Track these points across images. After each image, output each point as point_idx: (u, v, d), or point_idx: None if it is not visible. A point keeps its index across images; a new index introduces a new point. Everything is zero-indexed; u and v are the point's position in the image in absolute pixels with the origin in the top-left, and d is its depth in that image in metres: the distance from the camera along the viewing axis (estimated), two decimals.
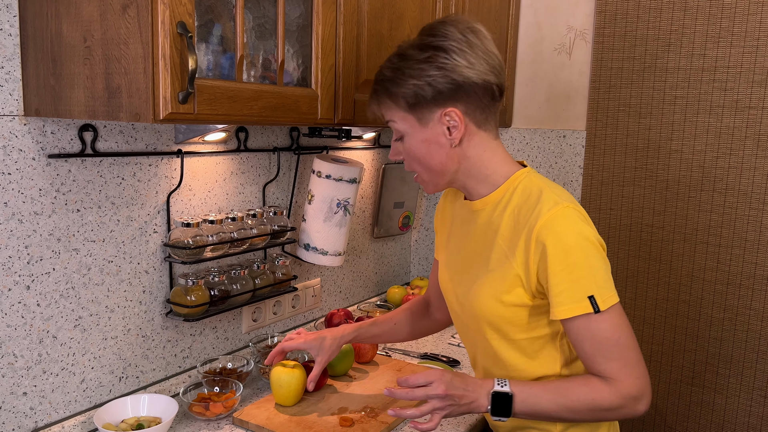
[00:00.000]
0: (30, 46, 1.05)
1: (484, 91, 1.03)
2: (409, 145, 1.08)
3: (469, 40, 1.02)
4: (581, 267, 0.97)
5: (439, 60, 1.01)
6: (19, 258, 1.11)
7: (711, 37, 1.72)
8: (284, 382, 1.31)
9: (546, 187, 1.04)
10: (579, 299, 0.97)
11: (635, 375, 0.99)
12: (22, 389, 1.13)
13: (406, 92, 1.03)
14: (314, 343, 1.33)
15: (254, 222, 1.49)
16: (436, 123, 1.04)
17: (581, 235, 0.98)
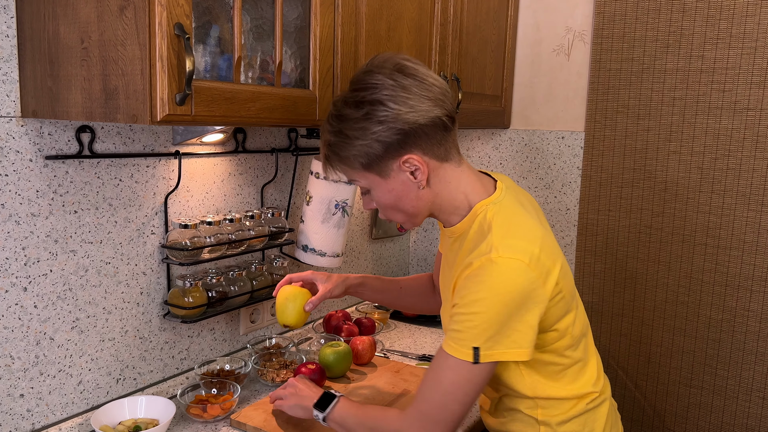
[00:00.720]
0: (27, 47, 1.05)
1: (435, 128, 1.01)
2: (378, 198, 1.07)
3: (401, 84, 0.99)
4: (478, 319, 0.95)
5: (379, 114, 0.98)
6: (16, 259, 1.10)
7: (709, 39, 1.72)
8: (290, 295, 1.28)
9: (494, 227, 1.00)
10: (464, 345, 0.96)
11: (424, 425, 0.99)
12: (19, 391, 1.13)
13: (357, 154, 1.01)
14: (321, 274, 1.33)
15: (252, 223, 1.48)
16: (397, 172, 1.03)
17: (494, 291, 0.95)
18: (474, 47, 1.76)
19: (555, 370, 1.08)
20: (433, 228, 2.27)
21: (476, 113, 1.82)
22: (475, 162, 2.15)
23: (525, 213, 1.06)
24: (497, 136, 2.11)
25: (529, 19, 2.00)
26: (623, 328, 1.95)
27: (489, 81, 1.89)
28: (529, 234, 1.01)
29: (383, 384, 1.48)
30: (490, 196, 1.07)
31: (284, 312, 1.30)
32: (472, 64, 1.77)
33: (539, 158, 2.04)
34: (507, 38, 1.96)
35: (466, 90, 1.74)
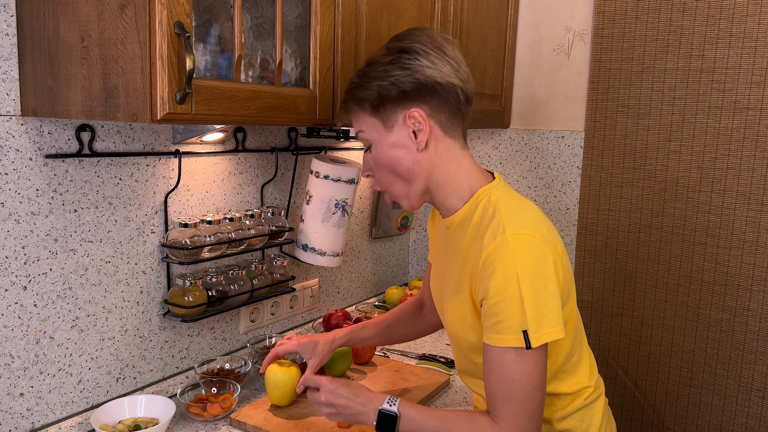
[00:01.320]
0: (27, 45, 1.04)
1: (448, 93, 1.03)
2: (377, 154, 1.07)
3: (436, 44, 1.03)
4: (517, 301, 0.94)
5: (403, 61, 1.02)
6: (16, 258, 1.10)
7: (709, 38, 1.72)
8: (280, 381, 1.31)
9: (502, 210, 1.01)
10: (513, 331, 0.94)
11: (522, 426, 0.97)
12: (18, 390, 1.13)
13: (371, 94, 1.04)
14: (307, 346, 1.32)
15: (252, 222, 1.48)
16: (401, 126, 1.04)
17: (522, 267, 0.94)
18: (474, 47, 1.76)
19: (553, 364, 1.08)
20: None
21: (476, 113, 1.81)
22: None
23: (525, 198, 1.09)
24: (497, 136, 2.11)
25: (529, 19, 2.00)
26: (623, 327, 1.95)
27: (489, 80, 1.89)
28: (534, 215, 1.03)
29: (383, 383, 1.48)
30: (491, 183, 1.08)
31: (273, 395, 1.32)
32: (472, 63, 1.77)
33: (539, 158, 2.04)
34: (507, 38, 1.96)
35: None
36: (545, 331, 0.95)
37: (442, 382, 1.50)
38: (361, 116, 1.07)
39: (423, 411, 1.03)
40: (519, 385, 0.96)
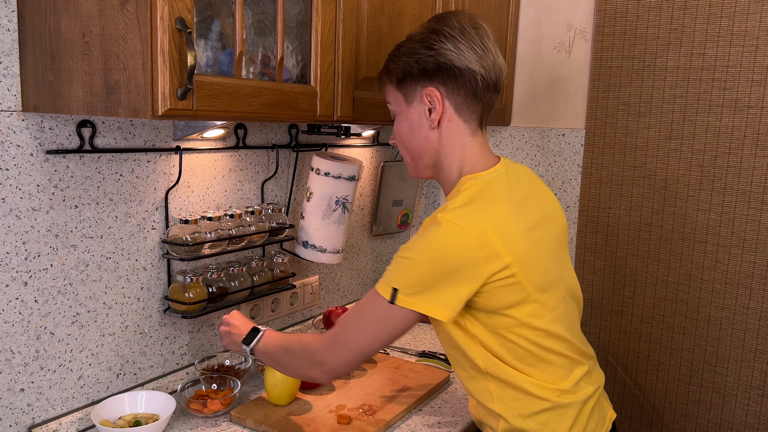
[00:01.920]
0: (28, 41, 1.04)
1: (466, 78, 1.07)
2: (396, 125, 1.16)
3: (464, 30, 1.07)
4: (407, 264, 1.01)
5: (430, 41, 1.08)
6: (17, 254, 1.10)
7: (710, 36, 1.72)
8: (278, 380, 1.31)
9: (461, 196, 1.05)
10: (386, 283, 1.02)
11: (338, 353, 1.06)
12: (19, 385, 1.13)
13: (398, 68, 1.12)
14: None
15: (253, 219, 1.48)
16: (418, 102, 1.11)
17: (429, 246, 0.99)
18: None
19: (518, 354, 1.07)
20: None
21: None
22: None
23: (502, 198, 1.07)
24: (498, 134, 2.10)
25: (530, 17, 2.00)
26: (623, 325, 1.95)
27: None
28: (490, 215, 1.02)
29: (383, 380, 1.48)
30: (479, 173, 1.09)
31: (272, 394, 1.33)
32: None
33: (540, 155, 2.04)
34: (508, 35, 1.96)
35: None
36: (419, 302, 0.99)
37: (442, 379, 1.50)
38: (389, 88, 1.16)
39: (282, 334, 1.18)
40: (359, 320, 1.05)
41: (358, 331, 1.05)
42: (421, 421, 1.33)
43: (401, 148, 1.18)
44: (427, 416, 1.35)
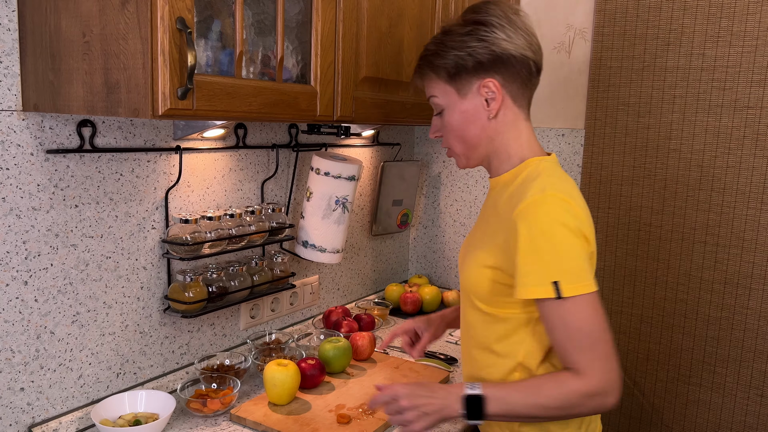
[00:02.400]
0: (29, 41, 1.05)
1: (522, 65, 1.08)
2: (448, 118, 1.13)
3: (510, 17, 1.09)
4: (549, 252, 0.97)
5: (480, 33, 1.07)
6: (17, 253, 1.10)
7: (710, 37, 1.72)
8: (278, 380, 1.31)
9: (545, 176, 1.04)
10: (543, 283, 0.97)
11: (605, 369, 0.98)
12: (19, 385, 1.13)
13: (448, 63, 1.09)
14: (420, 321, 1.36)
15: (252, 219, 1.49)
16: (474, 94, 1.09)
17: (557, 222, 0.98)
18: None
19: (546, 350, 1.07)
20: (432, 225, 2.27)
21: None
22: None
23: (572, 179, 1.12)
24: None
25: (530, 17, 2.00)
26: (622, 324, 1.95)
27: None
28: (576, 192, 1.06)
29: (382, 380, 1.48)
30: (544, 156, 1.13)
31: (272, 393, 1.33)
32: None
33: None
34: None
35: None
36: (580, 284, 0.97)
37: (442, 379, 1.50)
38: (436, 82, 1.13)
39: (506, 386, 1.03)
40: (583, 335, 0.98)
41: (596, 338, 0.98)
42: None
43: (453, 141, 1.14)
44: None
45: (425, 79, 1.15)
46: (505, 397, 1.00)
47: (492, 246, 1.07)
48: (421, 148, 2.27)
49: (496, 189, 1.14)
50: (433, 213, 2.27)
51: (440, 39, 1.11)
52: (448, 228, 2.24)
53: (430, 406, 1.02)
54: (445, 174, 2.23)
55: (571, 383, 0.98)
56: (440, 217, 2.25)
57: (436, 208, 2.26)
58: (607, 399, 0.98)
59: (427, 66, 1.13)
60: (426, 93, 1.17)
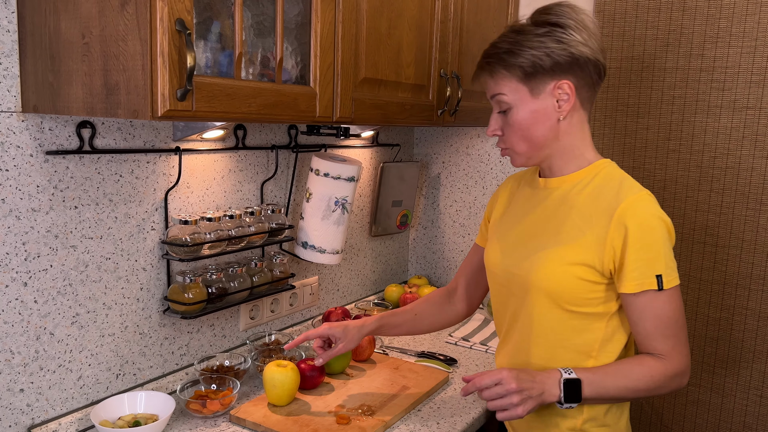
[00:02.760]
0: (28, 42, 1.05)
1: (594, 69, 1.11)
2: (516, 117, 1.12)
3: (584, 21, 1.10)
4: (655, 248, 1.05)
5: (557, 34, 1.08)
6: (17, 255, 1.11)
7: (709, 37, 1.73)
8: (278, 381, 1.31)
9: (628, 177, 1.13)
10: (648, 276, 1.05)
11: (684, 353, 1.09)
12: (18, 386, 1.13)
13: (524, 62, 1.09)
14: (336, 329, 1.35)
15: (252, 220, 1.49)
16: (547, 95, 1.10)
17: (660, 219, 1.07)
18: (474, 45, 1.76)
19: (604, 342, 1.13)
20: (432, 226, 2.27)
21: (477, 111, 1.82)
22: (474, 160, 2.16)
23: None
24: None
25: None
26: None
27: None
28: None
29: (382, 380, 1.48)
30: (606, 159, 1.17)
31: (271, 394, 1.33)
32: (473, 62, 1.76)
33: None
34: None
35: (466, 88, 1.74)
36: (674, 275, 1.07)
37: (441, 380, 1.50)
38: (507, 80, 1.12)
39: (596, 370, 1.09)
40: (671, 323, 1.07)
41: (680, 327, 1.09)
42: (420, 422, 1.33)
43: (517, 140, 1.14)
44: (426, 417, 1.36)
45: (495, 77, 1.13)
46: (599, 381, 1.07)
47: (577, 243, 1.09)
48: (421, 149, 2.27)
49: (562, 188, 1.16)
50: (432, 214, 2.27)
51: (514, 38, 1.11)
52: (447, 229, 2.24)
53: (534, 390, 1.06)
54: (444, 175, 2.23)
55: (657, 367, 1.07)
56: (440, 218, 2.26)
57: (435, 208, 2.26)
58: (683, 380, 1.09)
59: (499, 63, 1.12)
60: (489, 90, 1.16)
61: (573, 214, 1.12)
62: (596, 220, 1.08)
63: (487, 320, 1.98)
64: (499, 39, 1.14)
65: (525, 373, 1.08)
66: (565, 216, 1.13)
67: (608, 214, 1.07)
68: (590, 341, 1.12)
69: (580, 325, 1.12)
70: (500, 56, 1.12)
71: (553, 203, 1.17)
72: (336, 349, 1.34)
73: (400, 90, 1.48)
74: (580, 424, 1.14)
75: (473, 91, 1.80)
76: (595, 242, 1.08)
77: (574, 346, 1.13)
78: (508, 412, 1.05)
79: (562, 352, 1.14)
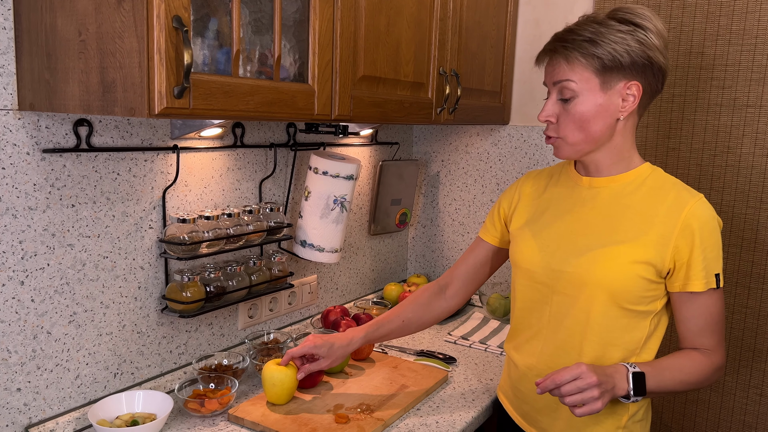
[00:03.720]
0: (24, 39, 1.04)
1: (661, 77, 1.13)
2: (580, 107, 1.11)
3: (662, 29, 1.12)
4: (716, 248, 1.11)
5: (639, 35, 1.09)
6: (13, 253, 1.10)
7: (709, 35, 1.72)
8: (277, 380, 1.30)
9: (678, 181, 1.17)
10: (710, 275, 1.11)
11: (724, 347, 1.17)
12: (15, 385, 1.13)
13: (605, 55, 1.08)
14: (322, 348, 1.33)
15: (250, 218, 1.48)
16: (615, 92, 1.11)
17: (718, 221, 1.12)
18: (473, 43, 1.76)
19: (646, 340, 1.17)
20: (431, 224, 2.27)
21: (475, 109, 1.81)
22: (473, 158, 2.15)
23: None
24: (496, 132, 2.10)
25: (528, 15, 2.00)
26: None
27: (488, 77, 1.88)
28: None
29: (381, 379, 1.48)
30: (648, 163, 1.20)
31: (270, 393, 1.32)
32: (472, 59, 1.76)
33: (538, 154, 2.03)
34: (506, 34, 1.96)
35: (466, 86, 1.73)
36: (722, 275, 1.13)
37: (440, 379, 1.50)
38: (581, 69, 1.10)
39: (653, 364, 1.13)
40: (719, 319, 1.14)
41: (723, 325, 1.16)
42: (419, 421, 1.33)
43: (572, 130, 1.13)
44: (425, 416, 1.35)
45: (569, 62, 1.11)
46: (658, 375, 1.10)
47: (640, 242, 1.11)
48: (420, 147, 2.26)
49: (611, 188, 1.18)
50: (431, 212, 2.27)
51: (596, 29, 1.09)
52: (446, 227, 2.24)
53: (608, 384, 1.06)
54: (443, 173, 2.22)
55: (705, 361, 1.14)
56: (439, 216, 2.25)
57: (434, 207, 2.26)
58: (722, 372, 1.17)
59: (577, 50, 1.09)
60: (556, 75, 1.13)
61: (630, 213, 1.14)
62: (659, 220, 1.11)
63: (486, 319, 1.97)
64: (578, 26, 1.12)
65: (598, 368, 1.07)
66: (621, 215, 1.14)
67: (673, 215, 1.10)
68: (637, 339, 1.15)
69: (630, 323, 1.14)
70: (580, 43, 1.09)
71: (603, 202, 1.17)
72: (317, 364, 1.33)
73: (399, 88, 1.47)
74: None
75: (472, 89, 1.79)
76: (658, 242, 1.10)
77: (623, 343, 1.15)
78: (588, 406, 1.04)
79: (613, 350, 1.15)
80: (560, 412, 1.20)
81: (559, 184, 1.27)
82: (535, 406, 1.24)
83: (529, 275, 1.23)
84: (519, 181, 1.36)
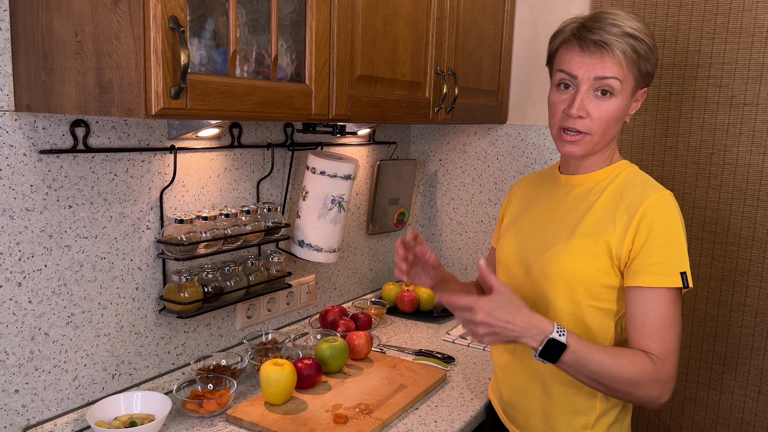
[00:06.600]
0: (21, 40, 1.04)
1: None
2: (614, 106, 1.13)
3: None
4: (678, 245, 1.07)
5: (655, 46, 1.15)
6: (11, 255, 1.10)
7: (706, 34, 1.72)
8: (274, 380, 1.30)
9: (650, 178, 1.17)
10: (671, 273, 1.06)
11: (675, 364, 1.07)
12: (13, 387, 1.13)
13: (649, 63, 1.14)
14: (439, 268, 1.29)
15: (248, 218, 1.48)
16: (633, 97, 1.16)
17: (680, 218, 1.10)
18: (470, 42, 1.76)
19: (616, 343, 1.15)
20: (429, 224, 2.27)
21: (472, 108, 1.81)
22: (471, 157, 2.15)
23: None
24: (494, 132, 2.10)
25: (525, 14, 2.00)
26: None
27: (485, 76, 1.88)
28: None
29: (379, 379, 1.48)
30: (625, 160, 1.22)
31: (267, 393, 1.32)
32: (469, 59, 1.76)
33: (535, 153, 2.03)
34: (504, 33, 1.96)
35: (463, 85, 1.73)
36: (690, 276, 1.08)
37: (439, 378, 1.50)
38: (629, 69, 1.12)
39: (588, 343, 1.05)
40: (674, 324, 1.07)
41: (677, 332, 1.07)
42: (418, 420, 1.33)
43: (600, 127, 1.13)
44: (424, 415, 1.35)
45: (626, 58, 1.10)
46: (584, 353, 1.03)
47: (599, 236, 1.11)
48: (417, 147, 2.26)
49: (584, 185, 1.19)
50: (429, 212, 2.27)
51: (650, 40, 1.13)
52: (444, 226, 2.24)
53: (505, 331, 1.02)
54: (441, 172, 2.22)
55: (647, 363, 1.05)
56: (437, 216, 2.25)
57: (432, 206, 2.26)
58: (664, 393, 1.06)
59: (634, 52, 1.10)
60: (607, 71, 1.10)
61: (595, 209, 1.15)
62: (619, 215, 1.11)
63: None
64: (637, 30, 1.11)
65: (503, 312, 1.02)
66: (585, 212, 1.16)
67: (632, 209, 1.10)
68: (602, 340, 1.14)
69: (594, 321, 1.13)
70: (642, 48, 1.12)
71: (574, 200, 1.19)
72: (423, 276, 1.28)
73: (396, 87, 1.47)
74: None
75: (469, 88, 1.79)
76: (618, 236, 1.10)
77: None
78: (472, 336, 1.05)
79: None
80: (533, 409, 1.21)
81: (544, 183, 1.30)
82: (511, 403, 1.27)
83: (507, 271, 1.26)
84: (515, 184, 1.40)
